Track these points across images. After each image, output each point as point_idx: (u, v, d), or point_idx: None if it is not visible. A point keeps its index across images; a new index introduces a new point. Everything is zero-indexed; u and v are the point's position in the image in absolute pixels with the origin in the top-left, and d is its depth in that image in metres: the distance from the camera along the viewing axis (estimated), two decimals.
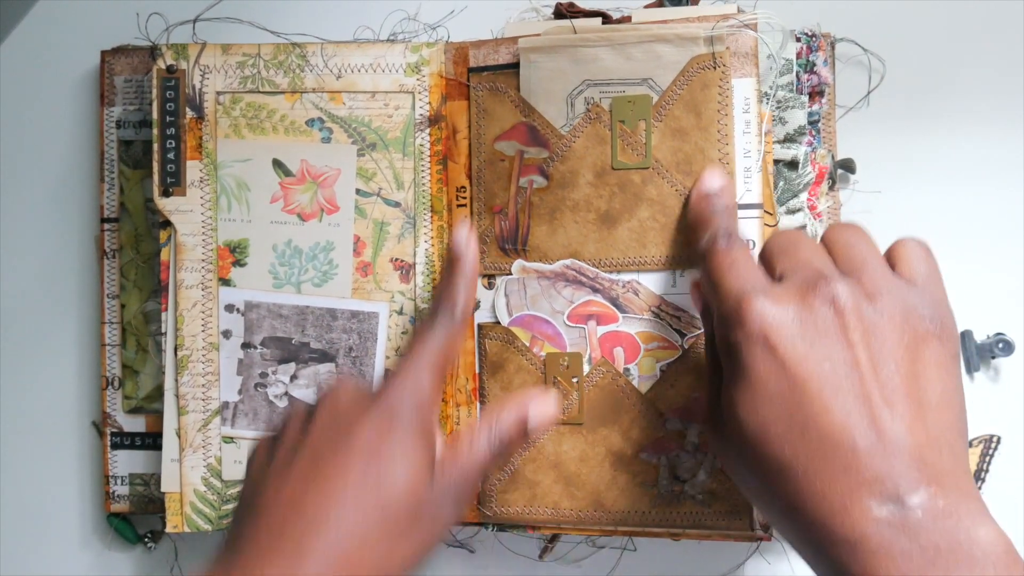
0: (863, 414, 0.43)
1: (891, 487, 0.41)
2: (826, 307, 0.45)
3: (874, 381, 0.43)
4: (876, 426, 0.42)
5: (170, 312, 0.63)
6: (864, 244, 0.48)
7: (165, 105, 0.63)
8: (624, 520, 0.60)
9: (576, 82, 0.60)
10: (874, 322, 0.44)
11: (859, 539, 0.41)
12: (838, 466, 0.42)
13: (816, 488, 0.43)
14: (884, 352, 0.44)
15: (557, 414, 0.56)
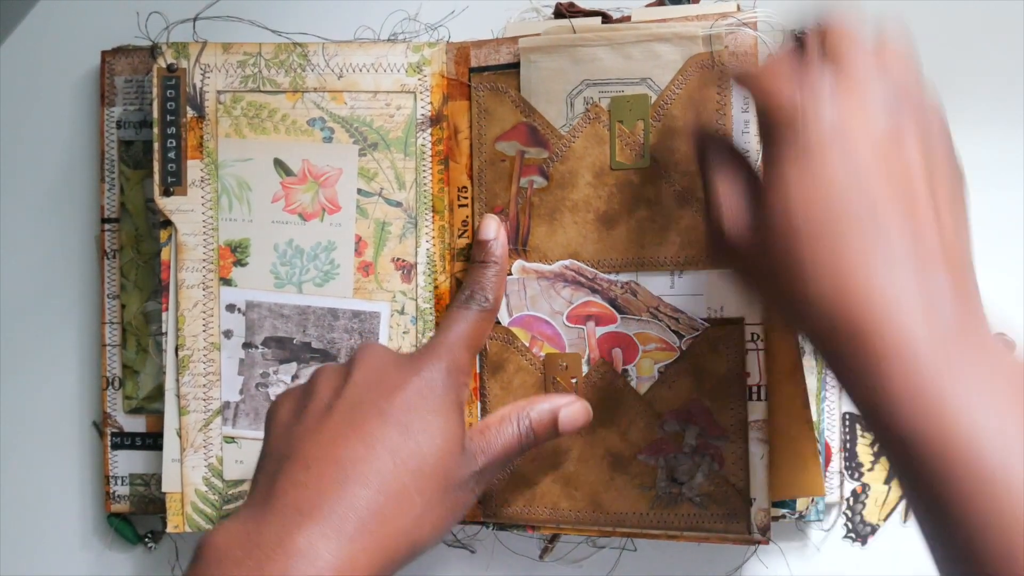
0: (911, 214, 0.44)
1: (939, 301, 0.43)
2: (888, 110, 0.45)
3: (926, 187, 0.44)
4: (922, 228, 0.44)
5: (171, 312, 0.63)
6: (908, 51, 0.49)
7: (166, 104, 0.63)
8: (622, 521, 0.60)
9: (575, 82, 0.61)
10: (932, 148, 0.46)
11: (893, 335, 0.42)
12: (890, 271, 0.43)
13: (863, 290, 0.43)
14: (938, 179, 0.45)
15: (587, 423, 0.58)
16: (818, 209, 0.44)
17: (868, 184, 0.44)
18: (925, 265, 0.43)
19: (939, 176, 0.45)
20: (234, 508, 0.63)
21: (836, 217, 0.44)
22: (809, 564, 0.66)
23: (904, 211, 0.44)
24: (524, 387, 0.61)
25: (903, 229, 0.43)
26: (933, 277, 0.43)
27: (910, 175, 0.44)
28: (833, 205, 0.44)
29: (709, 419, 0.59)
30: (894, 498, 0.66)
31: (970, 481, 0.40)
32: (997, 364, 0.42)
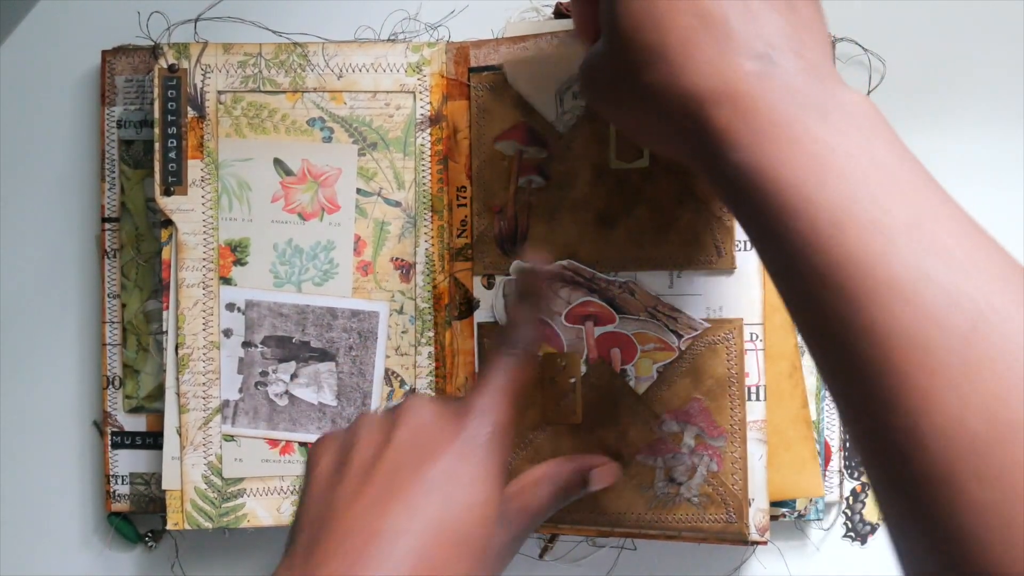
0: (737, 3, 0.43)
1: (762, 48, 0.42)
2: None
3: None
4: (748, 11, 0.42)
5: (171, 311, 0.64)
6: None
7: (167, 104, 0.64)
8: (620, 521, 0.60)
9: (563, 78, 0.61)
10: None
11: (726, 87, 0.41)
12: (711, 36, 0.42)
13: (687, 56, 0.42)
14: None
15: (615, 480, 0.58)
16: (639, 9, 0.44)
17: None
18: (744, 32, 0.42)
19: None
20: (233, 506, 0.63)
21: (658, 12, 0.43)
22: (809, 564, 0.66)
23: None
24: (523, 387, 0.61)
25: (724, 16, 0.42)
26: (753, 38, 0.42)
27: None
28: (654, 12, 0.44)
29: (708, 419, 0.59)
30: None
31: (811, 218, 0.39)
32: (847, 107, 0.41)
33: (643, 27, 0.44)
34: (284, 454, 0.63)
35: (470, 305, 0.63)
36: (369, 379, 0.63)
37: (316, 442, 0.53)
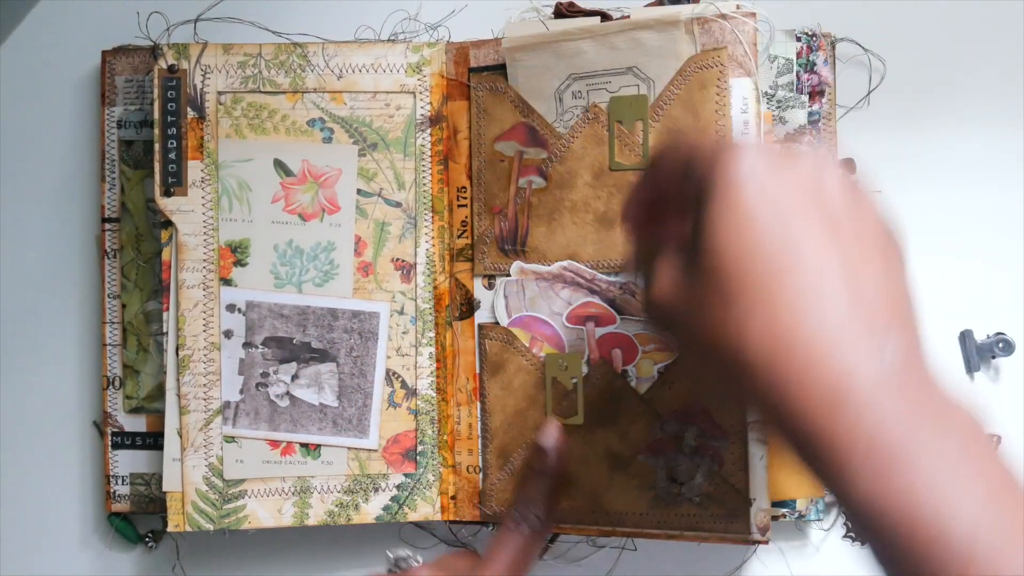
0: (844, 261, 0.42)
1: (877, 336, 0.41)
2: (811, 163, 0.44)
3: (855, 234, 0.43)
4: (857, 273, 0.42)
5: (171, 312, 0.64)
6: None
7: (166, 105, 0.63)
8: (622, 521, 0.60)
9: (562, 76, 0.61)
10: (857, 198, 0.44)
11: (844, 398, 0.40)
12: (821, 310, 0.41)
13: (794, 331, 0.41)
14: (865, 224, 0.44)
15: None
16: (743, 247, 0.43)
17: (790, 222, 0.42)
18: (858, 306, 0.41)
19: (868, 231, 0.44)
20: (234, 507, 0.63)
21: (761, 255, 0.42)
22: (809, 564, 0.66)
23: (832, 252, 0.42)
24: (524, 387, 0.61)
25: (832, 270, 0.42)
26: (867, 318, 0.41)
27: (836, 219, 0.43)
28: (762, 256, 0.43)
29: (709, 419, 0.59)
30: None
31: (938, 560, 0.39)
32: (950, 418, 0.40)
33: (750, 279, 0.43)
34: (285, 455, 0.63)
35: (471, 305, 0.63)
36: (370, 380, 0.63)
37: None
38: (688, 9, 0.58)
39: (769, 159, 0.44)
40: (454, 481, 0.63)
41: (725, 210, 0.44)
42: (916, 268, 0.65)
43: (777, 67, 0.62)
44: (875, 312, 0.41)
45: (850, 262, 0.42)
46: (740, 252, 0.43)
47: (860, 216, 0.44)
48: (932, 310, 0.65)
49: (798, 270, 0.42)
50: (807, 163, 0.44)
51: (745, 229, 0.43)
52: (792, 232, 0.42)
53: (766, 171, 0.43)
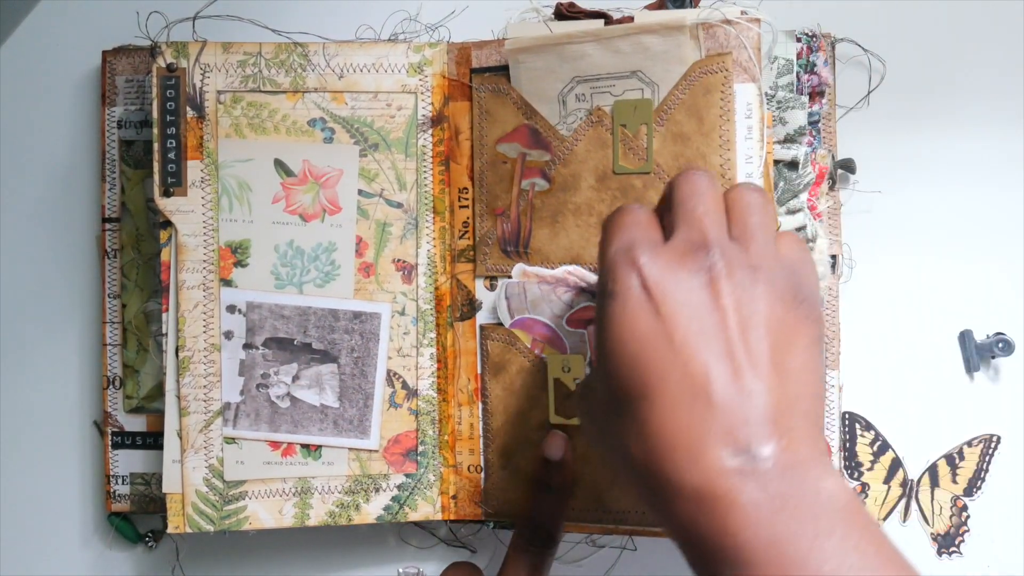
0: (725, 369, 0.43)
1: (743, 439, 0.41)
2: (703, 272, 0.44)
3: (740, 342, 0.43)
4: (736, 382, 0.42)
5: (171, 313, 0.63)
6: (760, 214, 0.48)
7: (165, 104, 0.63)
8: (624, 519, 0.60)
9: (566, 79, 0.61)
10: (748, 293, 0.44)
11: (708, 488, 0.41)
12: (694, 414, 0.42)
13: (668, 434, 0.42)
14: (752, 320, 0.44)
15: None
16: (625, 357, 0.44)
17: (672, 331, 0.43)
18: (725, 414, 0.42)
19: (761, 321, 0.44)
20: (234, 508, 0.63)
21: (639, 364, 0.44)
22: None
23: (705, 356, 0.43)
24: (526, 388, 0.62)
25: (709, 385, 0.42)
26: (735, 425, 0.42)
27: (717, 319, 0.43)
28: (637, 352, 0.44)
29: None
30: (893, 497, 0.66)
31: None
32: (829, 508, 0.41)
33: (629, 393, 0.44)
34: (286, 456, 0.63)
35: (472, 306, 0.63)
36: (371, 380, 0.63)
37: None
38: (693, 14, 0.58)
39: (660, 267, 0.45)
40: (455, 481, 0.63)
41: (608, 325, 0.45)
42: (916, 268, 0.66)
43: (777, 68, 0.62)
44: (747, 421, 0.42)
45: (730, 372, 0.43)
46: (620, 367, 0.44)
47: (761, 315, 0.44)
48: (932, 310, 0.66)
49: (670, 383, 0.43)
50: (701, 267, 0.44)
51: (624, 344, 0.44)
52: (670, 347, 0.43)
53: (654, 283, 0.44)
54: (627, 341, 0.44)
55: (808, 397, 0.44)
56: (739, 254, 0.45)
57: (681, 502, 0.42)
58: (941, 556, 0.66)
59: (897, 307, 0.66)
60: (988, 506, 0.66)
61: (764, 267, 0.45)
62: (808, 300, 0.46)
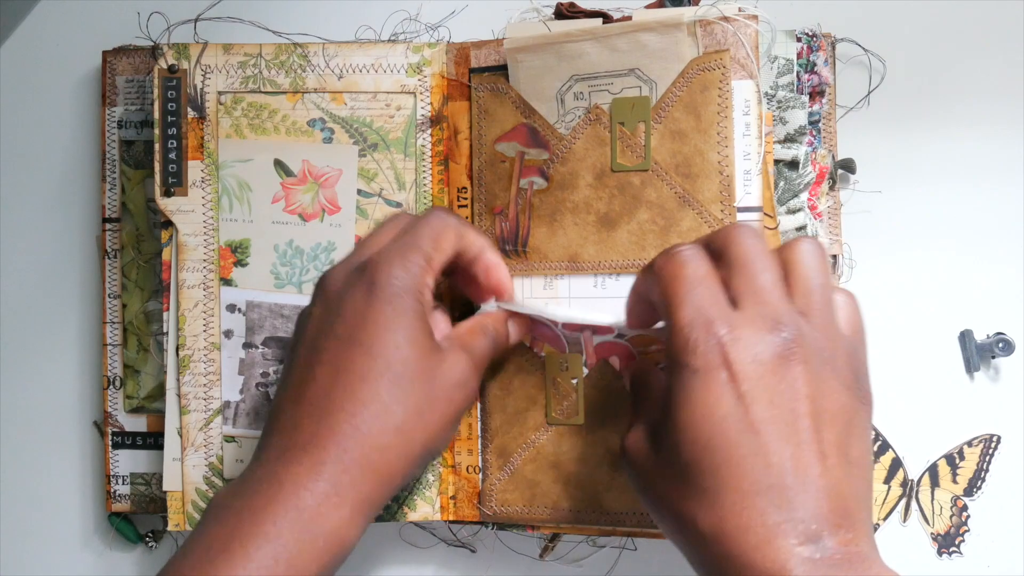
0: (801, 459, 0.44)
1: (815, 529, 0.43)
2: (779, 353, 0.45)
3: (814, 432, 0.44)
4: (810, 473, 0.44)
5: (172, 312, 0.64)
6: (820, 276, 0.48)
7: (167, 105, 0.63)
8: (622, 520, 0.60)
9: (564, 78, 0.61)
10: (821, 378, 0.45)
11: (776, 572, 0.42)
12: (770, 503, 0.43)
13: (743, 521, 0.43)
14: (824, 406, 0.45)
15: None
16: (701, 435, 0.45)
17: (749, 412, 0.44)
18: (799, 503, 0.43)
19: (830, 407, 0.45)
20: None
21: (717, 444, 0.44)
22: None
23: (783, 443, 0.44)
24: (524, 387, 0.62)
25: (786, 475, 0.44)
26: (808, 516, 0.43)
27: (795, 406, 0.44)
28: (715, 432, 0.45)
29: None
30: (894, 498, 0.66)
31: None
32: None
33: (704, 466, 0.45)
34: None
35: (471, 306, 0.63)
36: None
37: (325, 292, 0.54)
38: (690, 11, 0.58)
39: (740, 346, 0.45)
40: (453, 481, 0.63)
41: (687, 400, 0.46)
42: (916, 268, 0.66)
43: (777, 67, 0.62)
44: (819, 512, 0.43)
45: (805, 463, 0.44)
46: (696, 441, 0.45)
47: (832, 401, 0.45)
48: (932, 310, 0.66)
49: (748, 469, 0.44)
50: (778, 344, 0.45)
51: (703, 422, 0.45)
52: (750, 431, 0.44)
53: (735, 361, 0.45)
54: (706, 420, 0.45)
55: (868, 487, 0.46)
56: (810, 333, 0.46)
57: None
58: (941, 556, 0.66)
59: (897, 307, 0.66)
60: (988, 506, 0.66)
61: (831, 348, 0.46)
62: (865, 380, 0.47)
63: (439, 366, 0.52)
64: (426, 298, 0.53)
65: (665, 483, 0.47)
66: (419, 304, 0.52)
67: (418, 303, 0.52)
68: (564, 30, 0.60)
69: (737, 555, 0.43)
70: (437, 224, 0.54)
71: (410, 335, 0.51)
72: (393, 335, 0.51)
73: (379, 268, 0.52)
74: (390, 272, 0.51)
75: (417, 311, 0.52)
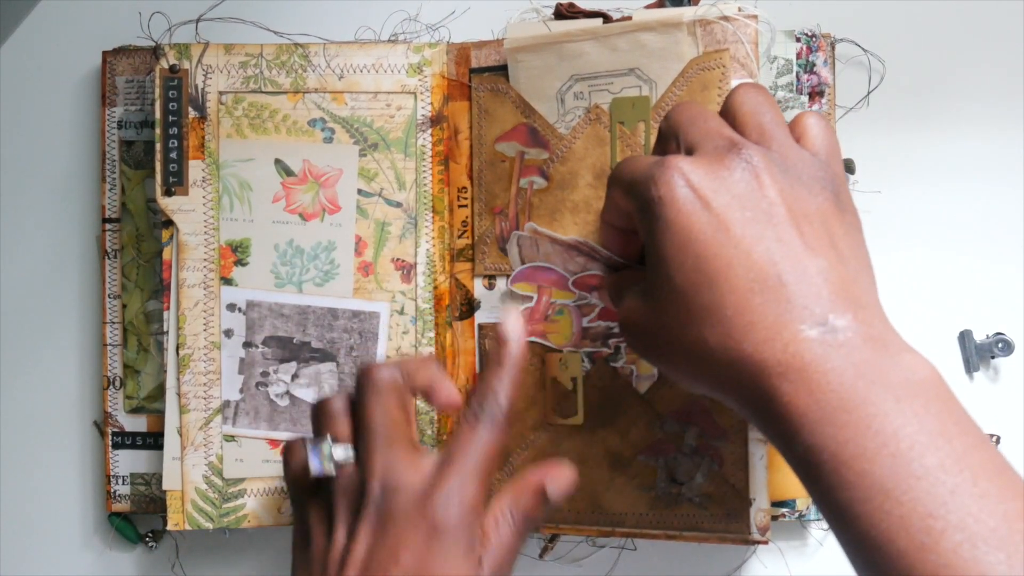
0: (786, 252, 0.44)
1: (820, 312, 0.43)
2: (742, 167, 0.45)
3: (794, 227, 0.44)
4: (800, 262, 0.44)
5: (172, 311, 0.64)
6: (771, 113, 0.49)
7: (168, 104, 0.64)
8: (622, 521, 0.60)
9: (564, 78, 0.61)
10: (789, 183, 0.46)
11: (791, 359, 0.42)
12: (767, 298, 0.43)
13: (746, 321, 0.43)
14: (799, 209, 0.45)
15: (574, 483, 0.53)
16: (688, 256, 0.45)
17: (727, 227, 0.45)
18: (796, 292, 0.43)
19: (805, 208, 0.45)
20: (234, 506, 0.63)
21: (704, 257, 0.45)
22: (809, 564, 0.66)
23: (766, 240, 0.44)
24: (524, 387, 0.61)
25: (775, 267, 0.44)
26: (810, 301, 0.43)
27: (767, 207, 0.45)
28: (699, 247, 0.45)
29: (709, 419, 0.59)
30: None
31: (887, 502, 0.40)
32: (911, 378, 0.42)
33: (697, 286, 0.45)
34: None
35: (471, 306, 0.63)
36: None
37: (294, 540, 0.53)
38: (690, 11, 0.58)
39: (700, 170, 0.46)
40: None
41: (664, 230, 0.46)
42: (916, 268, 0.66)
43: (777, 68, 0.62)
44: (820, 296, 0.43)
45: (792, 254, 0.44)
46: (683, 265, 0.45)
47: (804, 203, 0.45)
48: (932, 310, 0.65)
49: (738, 271, 0.44)
50: (739, 164, 0.46)
51: (684, 244, 0.45)
52: (730, 238, 0.44)
53: (698, 183, 0.45)
54: (687, 240, 0.45)
55: (867, 275, 0.46)
56: (769, 153, 0.46)
57: (763, 377, 0.43)
58: None
59: (897, 307, 0.66)
60: None
61: (793, 161, 0.47)
62: (837, 189, 0.47)
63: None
64: None
65: (669, 322, 0.47)
66: (475, 547, 0.49)
67: (475, 545, 0.49)
68: (564, 30, 0.60)
69: (751, 356, 0.43)
70: None
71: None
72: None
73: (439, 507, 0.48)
74: (449, 513, 0.48)
75: (472, 554, 0.49)
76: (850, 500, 0.41)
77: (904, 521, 0.39)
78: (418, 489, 0.49)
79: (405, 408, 0.52)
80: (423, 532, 0.48)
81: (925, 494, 0.39)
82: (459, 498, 0.48)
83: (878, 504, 0.40)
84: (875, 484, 0.40)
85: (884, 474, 0.40)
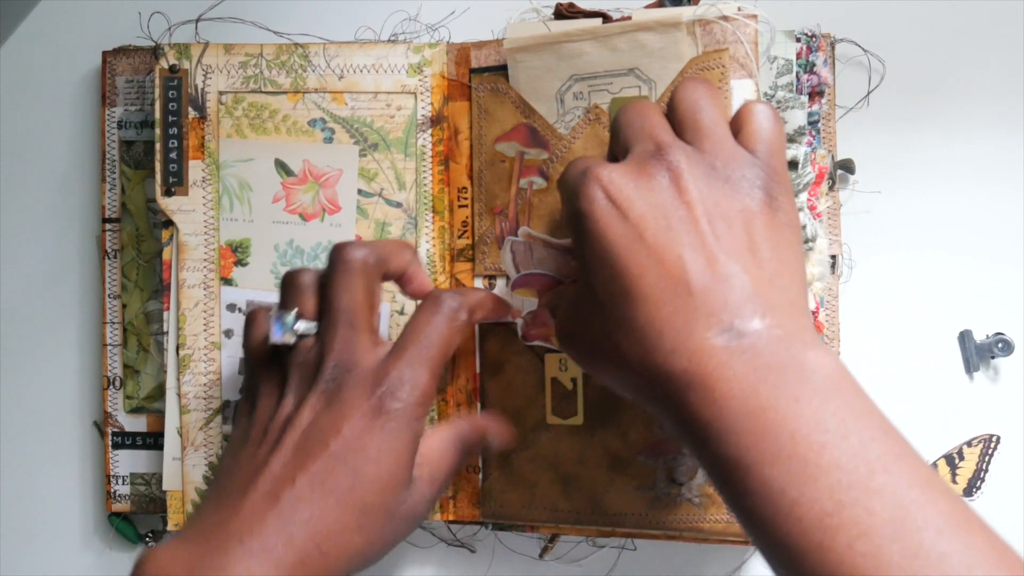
0: (698, 257, 0.44)
1: (727, 318, 0.43)
2: (662, 173, 0.46)
3: (710, 232, 0.45)
4: (711, 267, 0.44)
5: (172, 311, 0.64)
6: (708, 110, 0.48)
7: (168, 104, 0.64)
8: (621, 522, 0.60)
9: (564, 78, 0.61)
10: (710, 186, 0.46)
11: (696, 368, 0.43)
12: (677, 307, 0.43)
13: (656, 331, 0.44)
14: (718, 211, 0.45)
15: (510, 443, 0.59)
16: (606, 266, 0.46)
17: (638, 228, 0.45)
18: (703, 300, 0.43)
19: (726, 212, 0.45)
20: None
21: (620, 267, 0.45)
22: None
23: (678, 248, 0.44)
24: (524, 387, 0.62)
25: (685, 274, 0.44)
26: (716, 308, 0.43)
27: (683, 212, 0.45)
28: (616, 258, 0.45)
29: None
30: None
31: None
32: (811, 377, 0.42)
33: (614, 296, 0.46)
34: None
35: None
36: None
37: (239, 395, 0.54)
38: (690, 11, 0.58)
39: (621, 179, 0.46)
40: (454, 481, 0.63)
41: (585, 242, 0.47)
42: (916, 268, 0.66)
43: (777, 68, 0.62)
44: (727, 302, 0.43)
45: (703, 260, 0.44)
46: (602, 276, 0.46)
47: (726, 205, 0.46)
48: (932, 310, 0.65)
49: (650, 280, 0.44)
50: (660, 170, 0.46)
51: (603, 256, 0.46)
52: (643, 246, 0.45)
53: (616, 194, 0.46)
54: (604, 250, 0.45)
55: (786, 275, 0.45)
56: (695, 153, 0.47)
57: (672, 386, 0.43)
58: None
59: (897, 307, 0.66)
60: (988, 506, 0.66)
61: (721, 162, 0.46)
62: (769, 188, 0.47)
63: (404, 503, 0.51)
64: None
65: (594, 332, 0.47)
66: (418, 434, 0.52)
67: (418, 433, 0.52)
68: (564, 30, 0.60)
69: (659, 365, 0.44)
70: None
71: (394, 470, 0.50)
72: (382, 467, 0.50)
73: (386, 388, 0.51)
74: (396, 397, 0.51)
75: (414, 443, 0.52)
76: (753, 506, 0.41)
77: (803, 523, 0.40)
78: (370, 371, 0.51)
79: (371, 293, 0.54)
80: (368, 411, 0.50)
81: (821, 494, 0.39)
82: (409, 385, 0.51)
83: (778, 508, 0.40)
84: (775, 489, 0.40)
85: (783, 478, 0.40)
